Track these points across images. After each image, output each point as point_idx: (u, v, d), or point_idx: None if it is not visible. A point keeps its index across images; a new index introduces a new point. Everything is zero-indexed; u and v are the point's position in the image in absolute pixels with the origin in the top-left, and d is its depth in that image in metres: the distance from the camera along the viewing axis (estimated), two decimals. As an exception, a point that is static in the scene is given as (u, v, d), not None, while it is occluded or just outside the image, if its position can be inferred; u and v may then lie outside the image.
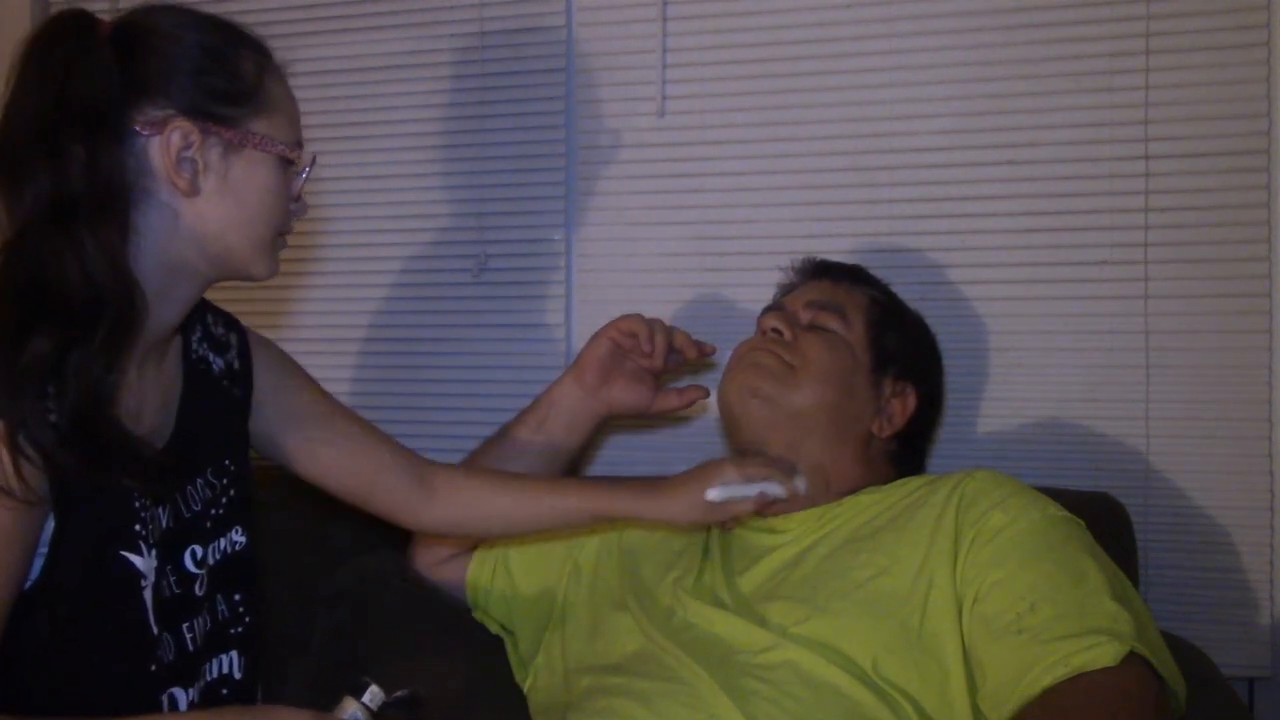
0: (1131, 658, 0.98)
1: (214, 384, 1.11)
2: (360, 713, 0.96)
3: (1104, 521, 1.29)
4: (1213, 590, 1.48)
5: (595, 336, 1.37)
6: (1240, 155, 1.45)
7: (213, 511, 1.09)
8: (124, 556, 0.97)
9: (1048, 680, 0.97)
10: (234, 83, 0.99)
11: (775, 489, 1.15)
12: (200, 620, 1.06)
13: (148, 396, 1.02)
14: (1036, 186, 1.51)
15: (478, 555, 1.38)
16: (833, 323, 1.29)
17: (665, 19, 1.62)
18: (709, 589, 1.21)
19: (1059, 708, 0.96)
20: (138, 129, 0.95)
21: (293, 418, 1.17)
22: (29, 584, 0.93)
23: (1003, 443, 1.53)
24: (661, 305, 1.59)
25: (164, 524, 1.02)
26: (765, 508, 1.18)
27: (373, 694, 0.97)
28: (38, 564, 0.93)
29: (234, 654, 1.09)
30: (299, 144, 1.04)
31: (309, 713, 0.95)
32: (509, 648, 1.36)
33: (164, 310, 1.00)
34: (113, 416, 0.94)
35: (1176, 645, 1.13)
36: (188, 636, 1.04)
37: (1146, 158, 1.47)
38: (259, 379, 1.16)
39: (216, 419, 1.11)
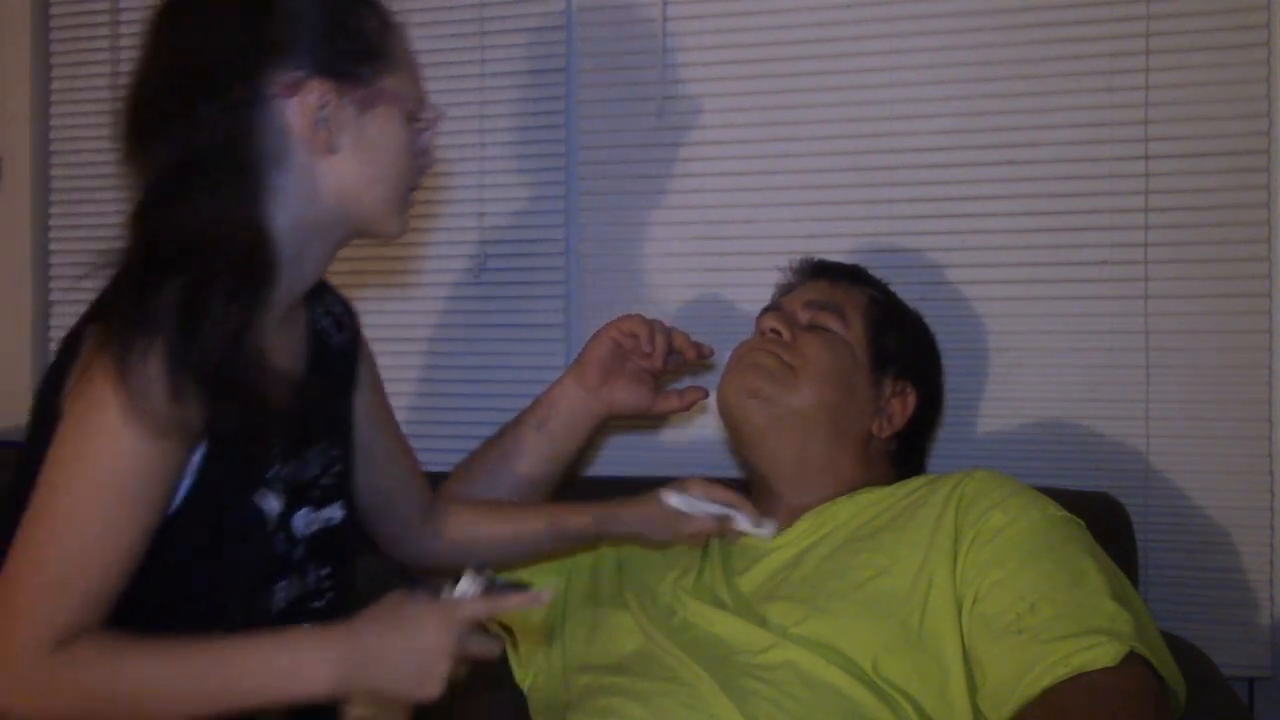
0: (1131, 658, 0.98)
1: (333, 358, 1.14)
2: (472, 585, 0.95)
3: (1104, 521, 1.29)
4: (1213, 590, 1.47)
5: (596, 336, 1.37)
6: (1240, 155, 1.45)
7: (323, 481, 1.09)
8: (257, 499, 1.00)
9: (1047, 680, 0.97)
10: (361, 41, 1.01)
11: (741, 519, 1.16)
12: (292, 583, 1.06)
13: (280, 360, 1.03)
14: (1036, 186, 1.51)
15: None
16: (832, 322, 1.29)
17: (665, 19, 1.62)
18: (709, 589, 1.21)
19: (1059, 708, 0.96)
20: (273, 91, 0.96)
21: (361, 419, 1.18)
22: (168, 513, 0.95)
23: (1003, 443, 1.53)
24: (661, 305, 1.59)
25: (287, 479, 1.04)
26: (731, 535, 1.19)
27: (471, 578, 0.97)
28: (179, 495, 0.95)
29: (307, 627, 1.07)
30: (423, 99, 1.06)
31: (438, 604, 0.94)
32: (508, 647, 1.36)
33: (303, 267, 1.02)
34: (260, 355, 0.95)
35: (1176, 645, 1.13)
36: (280, 595, 1.04)
37: (1146, 158, 1.47)
38: (360, 370, 1.18)
39: (333, 392, 1.14)
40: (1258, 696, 1.49)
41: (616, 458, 1.64)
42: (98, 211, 1.85)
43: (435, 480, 1.41)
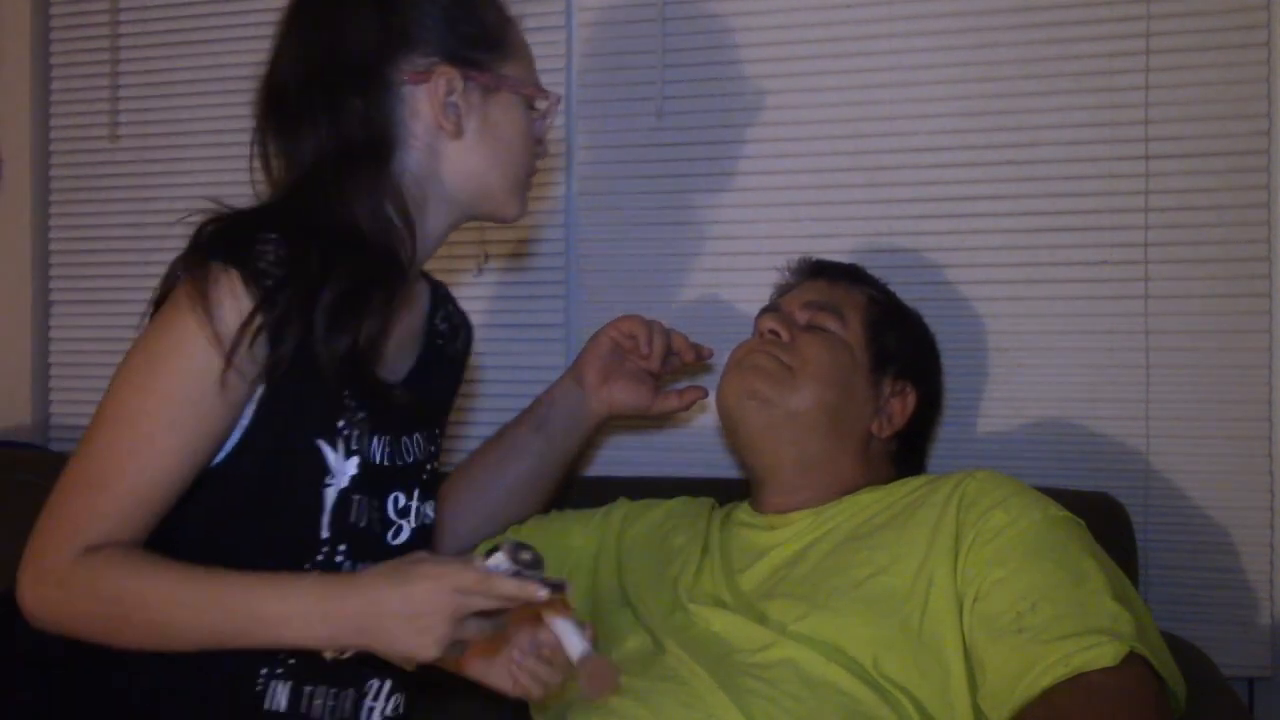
0: (1132, 658, 0.97)
1: (443, 362, 1.18)
2: (504, 560, 0.91)
3: (1104, 521, 1.29)
4: (1213, 590, 1.47)
5: (595, 336, 1.37)
6: (1240, 155, 1.45)
7: (421, 475, 1.11)
8: (318, 444, 0.99)
9: (1048, 680, 0.97)
10: (483, 29, 1.06)
11: (570, 637, 1.01)
12: None
13: (396, 331, 1.06)
14: (1036, 186, 1.51)
15: (477, 554, 1.37)
16: (830, 323, 1.28)
17: (665, 19, 1.62)
18: (709, 587, 1.21)
19: (1059, 708, 0.96)
20: (404, 78, 1.02)
21: None
22: (226, 452, 0.97)
23: (1003, 443, 1.53)
24: (661, 305, 1.59)
25: (378, 459, 1.04)
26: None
27: (510, 548, 0.94)
28: (236, 435, 0.97)
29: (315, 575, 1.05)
30: (540, 87, 1.11)
31: (453, 563, 0.92)
32: (509, 648, 1.35)
33: (422, 242, 1.05)
34: (382, 347, 0.99)
35: (1176, 645, 1.13)
36: None
37: (1146, 158, 1.47)
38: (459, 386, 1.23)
39: (438, 393, 1.17)
40: (1258, 696, 1.49)
41: (616, 458, 1.64)
42: (98, 211, 1.85)
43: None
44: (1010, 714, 0.99)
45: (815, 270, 1.37)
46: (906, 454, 1.32)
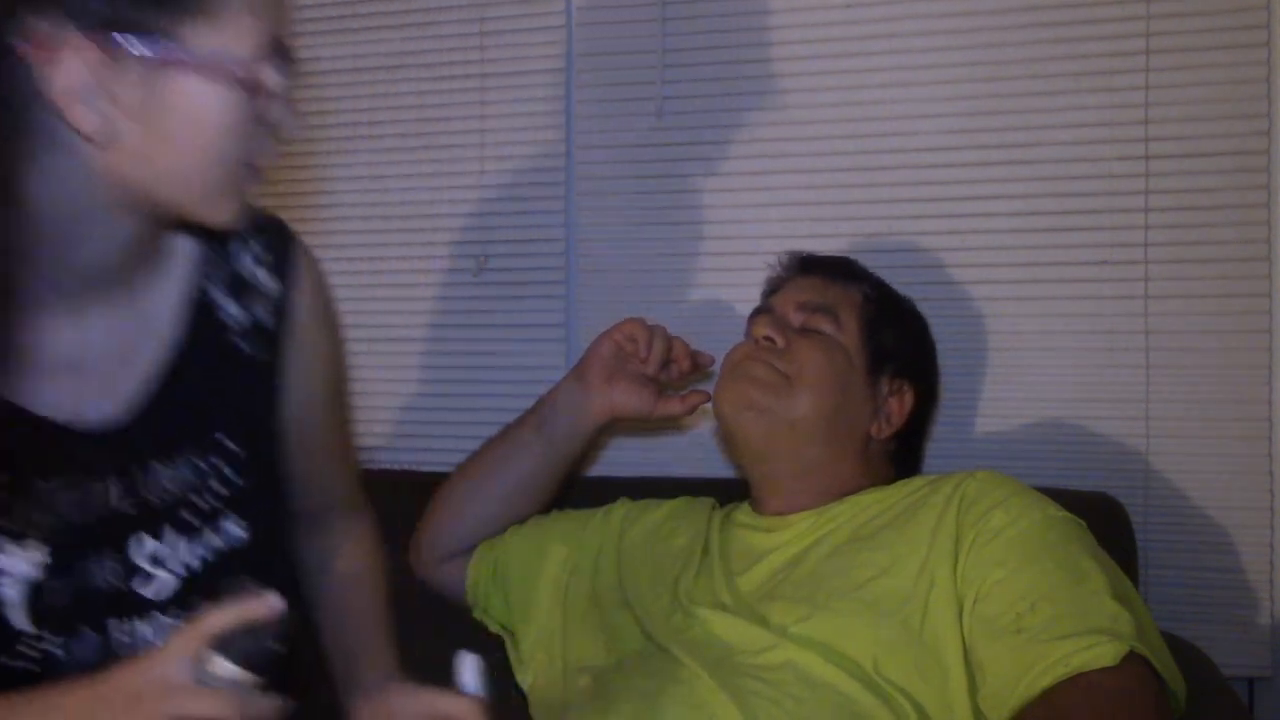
0: (1132, 657, 0.97)
1: (224, 337, 0.90)
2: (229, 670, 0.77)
3: (1104, 521, 1.29)
4: (1213, 590, 1.48)
5: (599, 339, 1.37)
6: (1240, 155, 1.45)
7: (192, 498, 0.88)
8: None
9: (1047, 680, 0.97)
10: None
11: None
12: (152, 624, 0.88)
13: (93, 342, 0.82)
14: (1037, 186, 1.51)
15: (478, 554, 1.38)
16: (825, 325, 1.27)
17: (665, 19, 1.62)
18: (709, 588, 1.20)
19: (1059, 708, 0.96)
20: (21, 49, 0.69)
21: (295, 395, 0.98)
22: None
23: (1003, 442, 1.53)
24: (661, 305, 1.59)
25: (110, 504, 0.85)
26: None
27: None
28: None
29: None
30: (268, 50, 0.76)
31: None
32: (509, 647, 1.36)
33: (87, 251, 0.79)
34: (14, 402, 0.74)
35: (1176, 645, 1.13)
36: (117, 637, 0.86)
37: (1146, 158, 1.47)
38: (283, 345, 0.95)
39: (220, 382, 0.90)
40: (1258, 696, 1.49)
41: (616, 458, 1.64)
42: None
43: (436, 480, 1.41)
44: (1010, 714, 0.99)
45: (807, 265, 1.36)
46: (904, 453, 1.32)
